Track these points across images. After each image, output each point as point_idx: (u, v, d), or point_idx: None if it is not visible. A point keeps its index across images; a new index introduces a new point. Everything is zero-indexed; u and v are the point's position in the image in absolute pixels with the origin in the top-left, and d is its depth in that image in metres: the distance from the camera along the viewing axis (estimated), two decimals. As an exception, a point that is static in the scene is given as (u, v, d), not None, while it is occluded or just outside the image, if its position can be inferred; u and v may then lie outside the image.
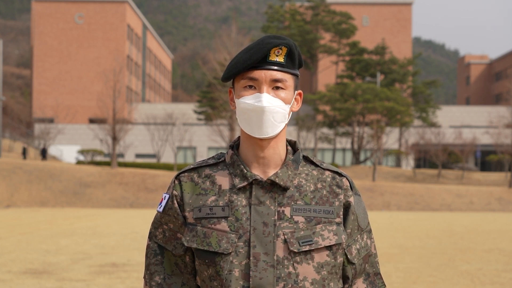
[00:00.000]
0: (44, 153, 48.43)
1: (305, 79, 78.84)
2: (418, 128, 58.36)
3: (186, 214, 2.08)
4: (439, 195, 40.18)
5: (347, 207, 2.09)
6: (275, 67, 2.04)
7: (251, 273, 1.97)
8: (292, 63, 2.07)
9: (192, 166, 2.14)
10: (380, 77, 61.73)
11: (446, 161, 54.77)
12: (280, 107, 2.03)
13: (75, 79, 70.69)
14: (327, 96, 55.44)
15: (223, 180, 2.08)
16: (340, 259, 2.05)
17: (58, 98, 68.72)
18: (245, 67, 2.02)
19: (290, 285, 1.98)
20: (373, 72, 61.19)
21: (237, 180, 2.05)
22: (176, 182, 2.13)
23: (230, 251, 1.99)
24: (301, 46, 64.84)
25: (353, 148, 56.68)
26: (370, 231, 2.17)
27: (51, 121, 63.20)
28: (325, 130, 58.56)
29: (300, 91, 2.14)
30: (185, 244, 2.05)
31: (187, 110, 66.49)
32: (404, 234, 19.81)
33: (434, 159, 51.61)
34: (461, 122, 69.84)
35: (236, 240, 2.00)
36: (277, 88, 2.04)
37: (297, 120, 53.78)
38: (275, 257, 1.98)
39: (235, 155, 2.09)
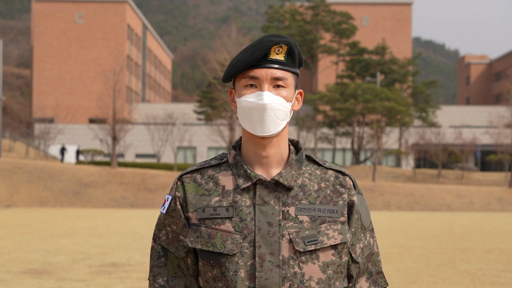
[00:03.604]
0: (63, 153, 47.82)
1: (305, 79, 78.82)
2: (418, 128, 58.34)
3: (190, 214, 2.06)
4: (439, 195, 40.17)
5: (351, 206, 2.09)
6: (276, 65, 2.02)
7: (256, 273, 1.96)
8: (293, 61, 2.06)
9: (194, 167, 2.11)
10: (380, 77, 61.71)
11: (446, 161, 54.75)
12: (282, 104, 2.02)
13: (75, 79, 70.69)
14: (327, 96, 55.44)
15: (226, 180, 2.06)
16: (345, 258, 2.05)
17: (58, 98, 68.74)
18: (246, 65, 2.01)
19: (296, 285, 1.97)
20: (373, 72, 61.16)
21: (241, 181, 2.03)
22: (179, 183, 2.11)
23: (235, 252, 1.98)
24: (301, 46, 64.79)
25: (353, 148, 56.68)
26: (372, 230, 2.17)
27: (51, 121, 63.24)
28: (325, 130, 58.56)
29: (300, 90, 2.13)
30: (189, 244, 2.03)
31: (187, 110, 66.42)
32: (404, 234, 19.81)
33: (434, 159, 51.61)
34: (461, 122, 69.82)
35: (241, 240, 1.99)
36: (278, 86, 2.03)
37: (297, 120, 53.78)
38: (280, 257, 1.97)
39: (238, 156, 2.08)
